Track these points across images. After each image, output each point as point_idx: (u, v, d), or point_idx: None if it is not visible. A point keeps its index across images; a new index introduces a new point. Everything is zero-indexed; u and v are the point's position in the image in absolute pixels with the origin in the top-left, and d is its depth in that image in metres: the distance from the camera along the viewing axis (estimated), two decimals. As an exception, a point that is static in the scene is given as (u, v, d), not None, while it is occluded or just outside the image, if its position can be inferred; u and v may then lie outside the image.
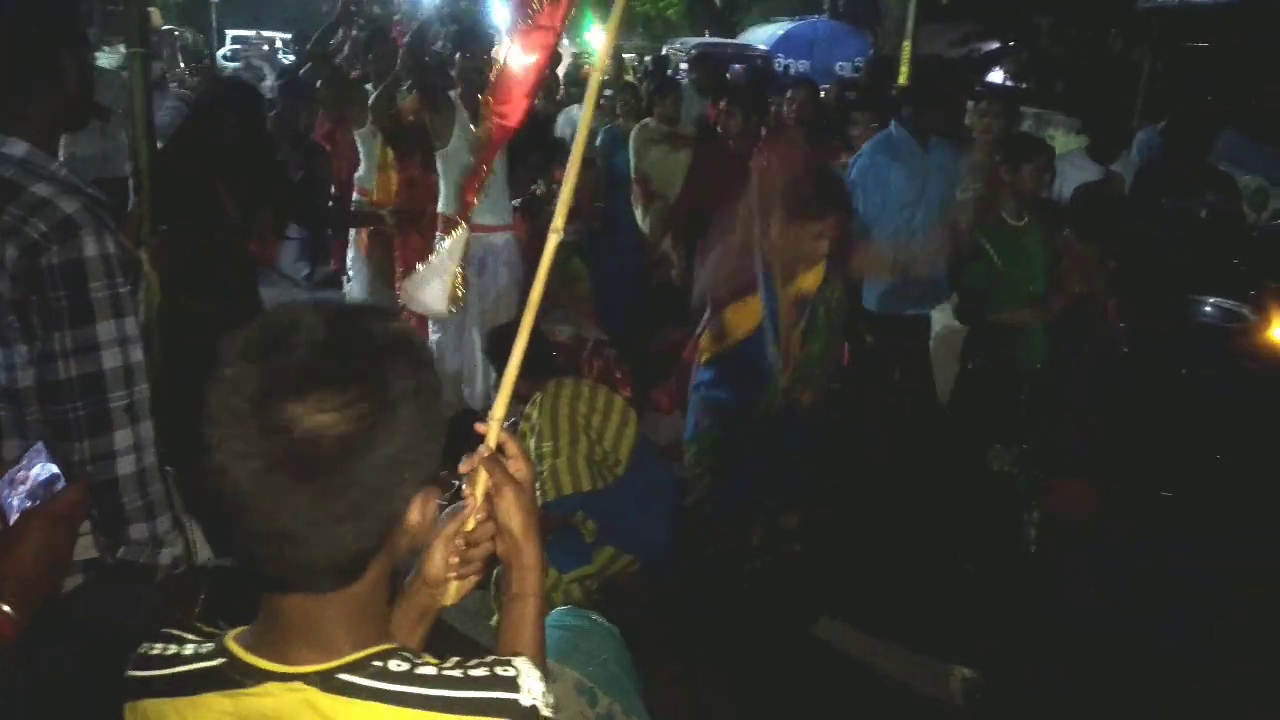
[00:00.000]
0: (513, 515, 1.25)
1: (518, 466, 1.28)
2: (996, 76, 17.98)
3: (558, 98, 8.54)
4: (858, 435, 4.82)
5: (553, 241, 1.29)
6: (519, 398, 3.81)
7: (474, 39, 4.99)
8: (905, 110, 4.98)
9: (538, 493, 3.50)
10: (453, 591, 1.32)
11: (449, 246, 1.81)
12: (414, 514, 1.05)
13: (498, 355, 3.90)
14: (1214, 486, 4.60)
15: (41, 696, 1.79)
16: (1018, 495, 4.13)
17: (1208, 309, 5.14)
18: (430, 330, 5.03)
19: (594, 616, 2.38)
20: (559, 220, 1.30)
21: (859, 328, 4.86)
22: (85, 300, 1.71)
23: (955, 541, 4.27)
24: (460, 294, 1.80)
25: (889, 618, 3.90)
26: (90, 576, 1.78)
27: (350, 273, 6.14)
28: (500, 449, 1.30)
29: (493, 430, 1.29)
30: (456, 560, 1.30)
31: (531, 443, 3.53)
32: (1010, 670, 3.63)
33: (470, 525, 1.30)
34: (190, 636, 1.08)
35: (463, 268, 5.11)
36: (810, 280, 3.44)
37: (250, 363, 0.94)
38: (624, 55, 15.65)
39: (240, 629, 1.06)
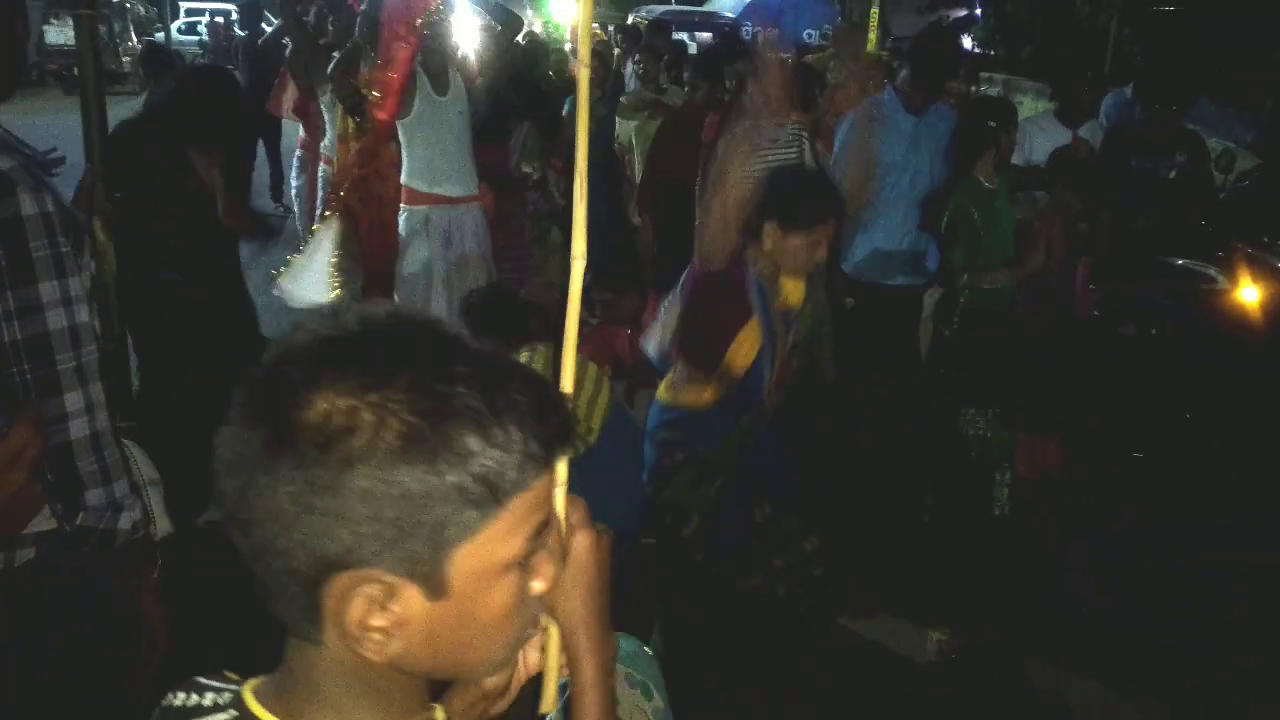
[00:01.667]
0: (558, 596, 1.04)
1: (574, 538, 1.06)
2: (965, 43, 17.96)
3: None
4: (847, 419, 4.81)
5: (578, 269, 1.11)
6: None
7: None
8: (901, 76, 4.90)
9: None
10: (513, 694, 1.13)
11: (320, 235, 1.71)
12: (359, 590, 0.78)
13: (476, 323, 3.86)
14: (1187, 452, 4.63)
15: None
16: (992, 458, 4.14)
17: (1176, 270, 5.16)
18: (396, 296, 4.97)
19: (642, 645, 2.31)
20: (579, 245, 1.12)
21: (839, 290, 4.81)
22: (26, 260, 1.64)
23: (934, 511, 4.28)
24: (336, 283, 1.69)
25: (866, 580, 3.90)
26: (44, 549, 1.73)
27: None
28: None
29: (559, 497, 1.05)
30: (534, 662, 1.10)
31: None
32: (999, 649, 3.64)
33: (552, 632, 1.09)
34: (214, 684, 0.90)
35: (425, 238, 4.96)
36: (795, 293, 3.24)
37: (278, 346, 0.81)
38: (592, 25, 15.48)
39: (260, 678, 0.90)
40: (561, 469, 1.01)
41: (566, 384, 1.11)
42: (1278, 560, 3.95)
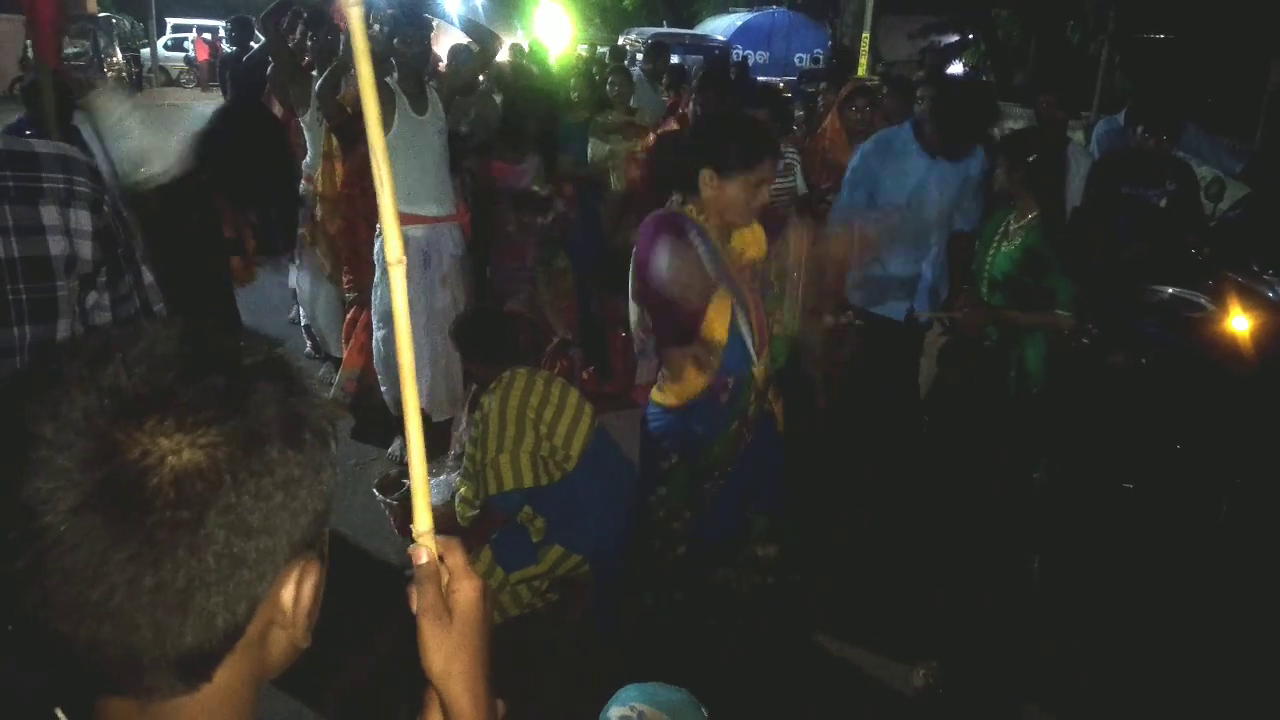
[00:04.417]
0: (430, 650, 0.93)
1: (458, 586, 0.95)
2: (956, 69, 18.04)
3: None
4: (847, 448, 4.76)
5: (398, 274, 0.99)
6: (478, 381, 3.74)
7: (412, 25, 4.83)
8: (924, 115, 4.73)
9: (470, 488, 3.39)
10: None
11: None
12: (285, 593, 0.78)
13: (463, 343, 3.84)
14: (1178, 482, 4.58)
15: None
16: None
17: (1166, 298, 5.12)
18: (375, 327, 4.89)
19: (690, 696, 2.24)
20: (393, 251, 0.98)
21: (839, 309, 4.73)
22: (131, 240, 1.79)
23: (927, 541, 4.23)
24: None
25: (855, 613, 3.85)
26: None
27: (297, 260, 5.98)
28: (441, 559, 0.97)
29: (424, 544, 0.96)
30: None
31: (480, 431, 3.43)
32: (987, 683, 3.57)
33: None
34: None
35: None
36: (753, 244, 3.15)
37: (78, 378, 0.71)
38: (580, 46, 15.55)
39: None
40: (421, 517, 0.96)
41: (409, 388, 0.97)
42: (1276, 598, 3.90)
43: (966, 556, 4.13)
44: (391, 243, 0.96)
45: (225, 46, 14.78)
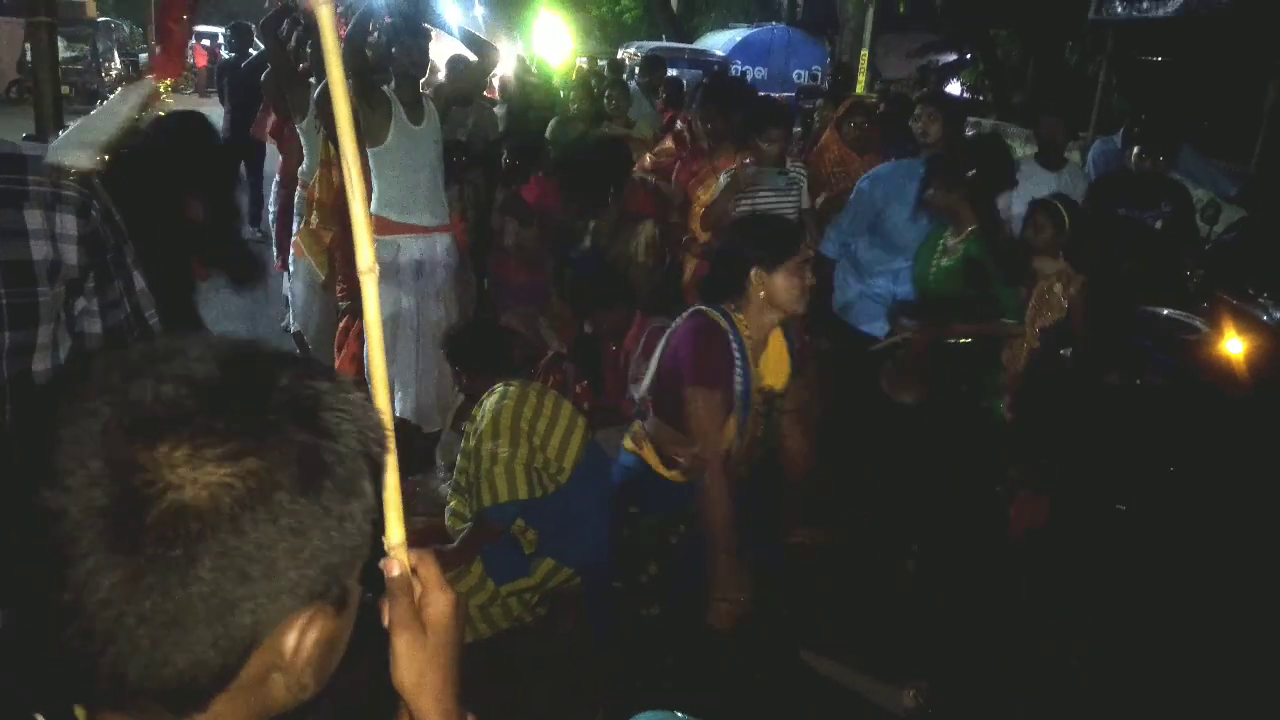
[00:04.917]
0: (403, 664, 0.91)
1: (431, 599, 0.93)
2: (954, 88, 18.11)
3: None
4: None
5: (370, 282, 0.95)
6: (470, 393, 3.71)
7: (410, 34, 4.83)
8: (940, 166, 4.55)
9: (461, 501, 3.37)
10: None
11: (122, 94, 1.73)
12: (287, 641, 0.74)
13: (457, 354, 3.83)
14: (1171, 504, 4.58)
15: None
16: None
17: (1161, 320, 5.12)
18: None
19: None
20: (364, 259, 0.95)
21: (815, 331, 4.76)
22: (122, 245, 1.77)
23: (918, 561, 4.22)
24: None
25: (841, 631, 3.82)
26: None
27: (291, 268, 5.97)
28: (414, 572, 0.95)
29: (396, 557, 0.94)
30: None
31: (472, 444, 3.42)
32: (978, 702, 3.56)
33: None
34: None
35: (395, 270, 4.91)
36: (771, 374, 3.16)
37: (107, 389, 0.70)
38: (580, 59, 15.59)
39: None
40: (394, 528, 0.94)
41: (382, 399, 0.95)
42: (1273, 614, 3.89)
43: (963, 561, 4.13)
44: (362, 250, 0.93)
45: (224, 53, 14.79)
